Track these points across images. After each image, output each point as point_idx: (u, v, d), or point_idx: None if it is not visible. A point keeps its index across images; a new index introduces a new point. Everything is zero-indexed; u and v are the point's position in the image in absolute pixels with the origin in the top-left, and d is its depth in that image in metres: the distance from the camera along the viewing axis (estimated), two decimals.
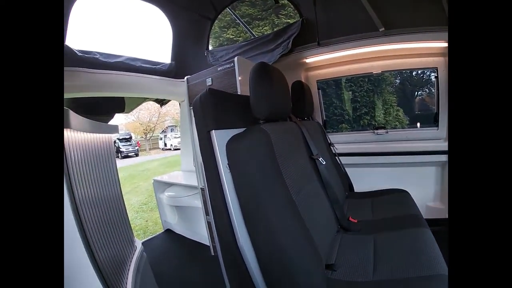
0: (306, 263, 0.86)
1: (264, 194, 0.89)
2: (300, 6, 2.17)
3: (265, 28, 7.02)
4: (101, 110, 2.65)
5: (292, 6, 2.28)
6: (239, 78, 1.68)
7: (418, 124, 2.74)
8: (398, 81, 3.54)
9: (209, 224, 2.06)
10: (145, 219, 4.74)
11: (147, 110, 18.67)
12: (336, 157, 1.91)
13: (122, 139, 17.14)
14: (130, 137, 18.03)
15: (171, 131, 21.39)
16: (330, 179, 1.39)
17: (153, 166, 10.97)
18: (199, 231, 2.40)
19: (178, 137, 18.33)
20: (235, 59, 1.69)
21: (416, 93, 3.25)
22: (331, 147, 1.93)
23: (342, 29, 2.02)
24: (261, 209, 0.88)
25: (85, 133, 1.02)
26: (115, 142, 16.85)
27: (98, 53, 2.06)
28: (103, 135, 1.23)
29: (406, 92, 3.67)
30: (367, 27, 1.92)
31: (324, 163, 1.37)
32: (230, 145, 0.94)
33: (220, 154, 0.94)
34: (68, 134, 0.82)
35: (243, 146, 0.93)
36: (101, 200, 1.08)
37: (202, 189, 2.05)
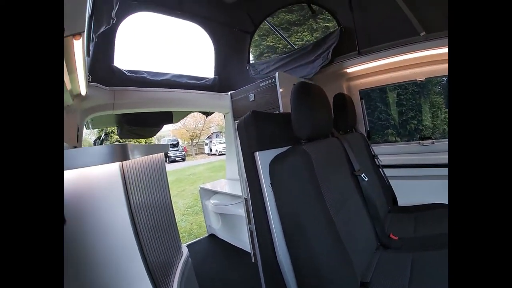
0: (341, 281, 0.88)
1: (303, 214, 0.93)
2: (337, 15, 2.17)
3: (304, 34, 6.97)
4: (151, 122, 2.89)
5: (329, 15, 2.29)
6: (281, 90, 1.74)
7: None
8: (445, 79, 3.23)
9: (251, 232, 2.13)
10: (190, 222, 5.01)
11: (193, 117, 19.61)
12: (380, 169, 1.85)
13: (170, 144, 18.21)
14: (177, 143, 19.09)
15: (216, 137, 22.19)
16: (372, 194, 1.36)
17: (199, 171, 11.48)
18: (242, 237, 2.49)
19: (222, 143, 18.95)
20: (276, 74, 1.75)
21: None
22: (375, 159, 1.88)
23: (382, 35, 1.96)
24: (301, 227, 0.93)
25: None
26: None
27: (146, 72, 2.28)
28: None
29: None
30: (407, 32, 1.84)
31: (366, 179, 1.34)
32: (273, 166, 1.00)
33: (263, 174, 1.00)
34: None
35: (285, 168, 0.98)
36: (153, 205, 1.22)
37: (246, 199, 2.14)
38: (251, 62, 2.74)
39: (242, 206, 2.25)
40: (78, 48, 1.19)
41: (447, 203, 1.64)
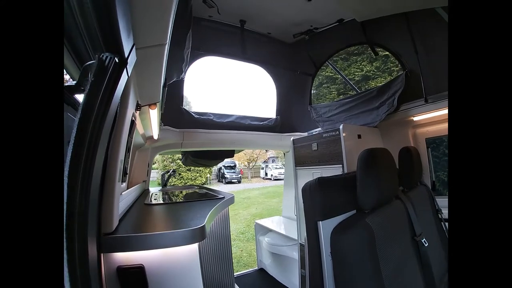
0: None
1: (359, 286, 0.94)
2: (402, 57, 2.09)
3: (363, 63, 6.84)
4: (214, 156, 3.11)
5: (394, 57, 2.23)
6: (344, 143, 1.76)
7: None
8: None
9: (302, 277, 2.09)
10: (240, 248, 5.06)
11: None
12: (442, 223, 1.70)
13: (227, 166, 18.94)
14: (235, 165, 19.72)
15: (272, 162, 22.45)
16: (431, 258, 1.29)
17: (253, 195, 11.65)
18: (292, 278, 2.46)
19: (278, 168, 19.08)
20: (341, 127, 1.76)
21: None
22: (439, 214, 1.72)
23: None
24: None
25: None
26: (220, 168, 18.85)
27: (212, 114, 2.50)
28: None
29: None
30: None
31: (426, 244, 1.27)
32: (335, 235, 1.01)
33: (324, 243, 1.02)
34: None
35: (346, 241, 0.99)
36: (218, 271, 1.30)
37: (301, 244, 2.12)
38: (313, 104, 2.79)
39: (296, 249, 2.22)
40: (153, 113, 1.37)
41: None
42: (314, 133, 2.48)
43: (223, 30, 2.40)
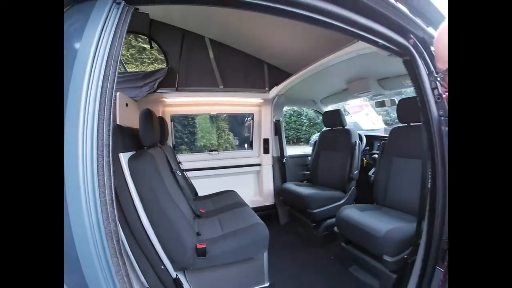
0: (185, 231, 1.52)
1: (156, 192, 1.48)
2: (168, 56, 2.82)
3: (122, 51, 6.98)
4: None
5: (162, 54, 2.88)
6: (118, 107, 2.10)
7: (246, 145, 3.94)
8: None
9: None
10: None
11: None
12: (184, 172, 2.64)
13: None
14: None
15: None
16: (184, 185, 2.13)
17: None
18: None
19: None
20: (118, 94, 2.09)
21: (246, 119, 4.28)
22: (180, 164, 2.65)
23: (196, 80, 2.87)
24: (155, 200, 1.45)
25: None
26: None
27: None
28: None
29: (237, 119, 4.89)
30: (212, 83, 2.90)
31: (180, 174, 2.13)
32: (131, 162, 1.47)
33: (125, 170, 1.44)
34: None
35: (140, 165, 1.48)
36: None
37: None
38: None
39: None
40: None
41: (232, 189, 2.77)
42: None
43: None
